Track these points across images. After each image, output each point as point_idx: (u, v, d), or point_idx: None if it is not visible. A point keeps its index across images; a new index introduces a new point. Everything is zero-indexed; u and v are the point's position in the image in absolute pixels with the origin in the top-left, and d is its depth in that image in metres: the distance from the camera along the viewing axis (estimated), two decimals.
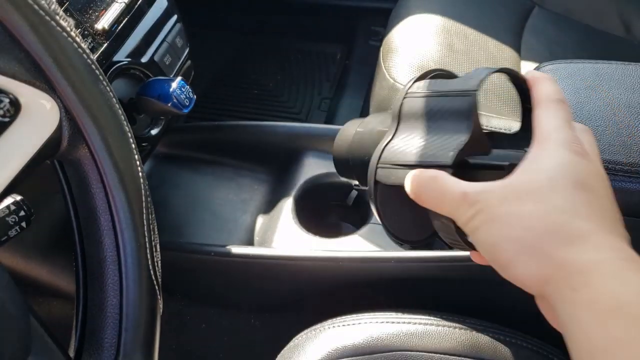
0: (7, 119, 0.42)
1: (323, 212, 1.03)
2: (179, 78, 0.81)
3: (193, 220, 0.99)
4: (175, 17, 0.92)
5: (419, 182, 0.42)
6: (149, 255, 0.49)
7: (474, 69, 0.46)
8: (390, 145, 0.48)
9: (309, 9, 1.71)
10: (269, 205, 1.00)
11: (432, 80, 0.49)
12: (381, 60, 1.15)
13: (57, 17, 0.44)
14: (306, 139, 1.04)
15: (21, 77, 0.42)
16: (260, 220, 0.98)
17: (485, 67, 0.45)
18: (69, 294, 0.94)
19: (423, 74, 0.50)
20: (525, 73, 0.45)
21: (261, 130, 1.04)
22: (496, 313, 0.83)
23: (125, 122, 0.49)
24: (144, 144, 0.89)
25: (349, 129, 0.56)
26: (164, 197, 1.01)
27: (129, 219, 0.48)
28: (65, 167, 0.48)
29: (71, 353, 0.48)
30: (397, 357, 0.72)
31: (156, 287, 0.50)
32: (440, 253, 0.83)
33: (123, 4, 0.81)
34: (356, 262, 0.85)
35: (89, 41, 0.76)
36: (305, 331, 0.78)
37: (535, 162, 0.39)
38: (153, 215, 0.51)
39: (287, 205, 0.98)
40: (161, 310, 0.51)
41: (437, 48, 1.13)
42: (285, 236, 0.92)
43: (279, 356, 0.78)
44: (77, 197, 0.49)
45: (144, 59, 0.85)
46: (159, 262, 0.51)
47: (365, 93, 1.55)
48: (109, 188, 0.47)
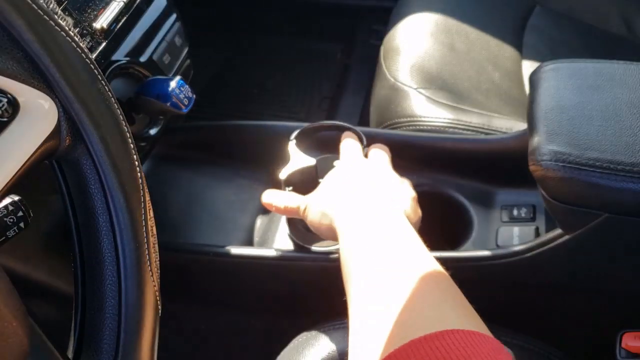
0: (5, 119, 0.42)
1: None
2: (178, 77, 0.81)
3: (192, 221, 0.99)
4: (174, 16, 0.92)
5: (269, 199, 0.84)
6: (147, 256, 0.49)
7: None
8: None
9: (309, 8, 1.71)
10: None
11: None
12: (382, 60, 1.15)
13: (55, 16, 0.44)
14: None
15: (19, 76, 0.42)
16: (260, 221, 0.98)
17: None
18: (68, 295, 0.94)
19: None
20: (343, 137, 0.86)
21: (261, 130, 1.04)
22: (497, 314, 0.82)
23: (123, 122, 0.49)
24: (142, 144, 0.89)
25: None
26: (163, 197, 1.01)
27: (127, 219, 0.48)
28: (64, 167, 0.48)
29: (70, 354, 0.48)
30: None
31: (155, 287, 0.50)
32: (440, 253, 0.83)
33: (122, 3, 0.81)
34: None
35: (88, 40, 0.76)
36: (305, 332, 0.78)
37: (330, 174, 0.78)
38: (152, 216, 0.50)
39: None
40: (160, 311, 0.51)
41: (438, 47, 1.12)
42: (285, 236, 0.92)
43: (279, 357, 0.77)
44: (76, 198, 0.48)
45: (142, 58, 0.85)
46: (158, 262, 0.51)
47: (365, 92, 1.54)
48: (108, 188, 0.47)
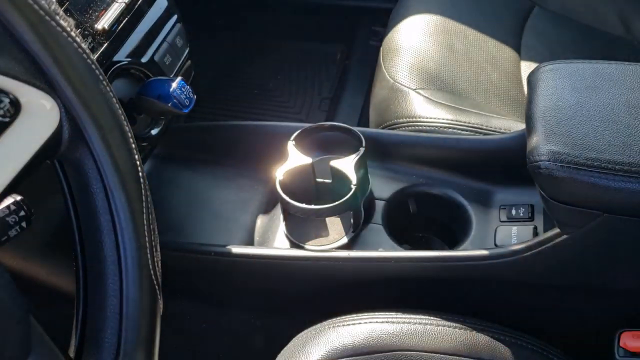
0: (7, 119, 0.42)
1: None
2: (179, 78, 0.81)
3: (193, 220, 0.99)
4: (175, 17, 0.92)
5: None
6: (149, 255, 0.49)
7: None
8: None
9: (309, 8, 1.71)
10: (269, 205, 0.99)
11: None
12: (381, 60, 1.15)
13: (57, 17, 0.44)
14: None
15: (21, 77, 0.42)
16: (260, 220, 0.98)
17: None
18: (69, 294, 0.94)
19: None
20: None
21: (261, 131, 1.04)
22: (496, 313, 0.83)
23: (125, 122, 0.49)
24: (144, 144, 0.89)
25: None
26: (164, 197, 1.01)
27: (129, 219, 0.48)
28: (66, 167, 0.48)
29: (71, 353, 0.48)
30: (397, 357, 0.72)
31: (156, 287, 0.50)
32: (440, 253, 0.83)
33: (123, 4, 0.81)
34: (356, 262, 0.85)
35: (89, 41, 0.76)
36: (305, 331, 0.78)
37: None
38: (153, 215, 0.51)
39: None
40: (161, 310, 0.51)
41: (437, 48, 1.13)
42: (285, 236, 0.92)
43: (279, 356, 0.78)
44: (77, 197, 0.49)
45: (144, 59, 0.85)
46: (159, 262, 0.51)
47: (365, 93, 1.54)
48: (109, 188, 0.47)
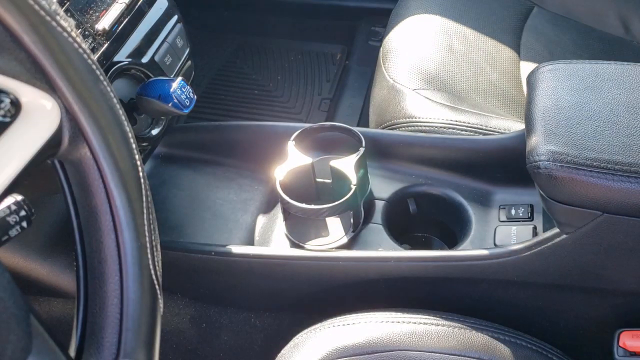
0: (7, 119, 0.42)
1: None
2: (180, 78, 0.81)
3: (193, 220, 0.99)
4: (175, 18, 0.92)
5: None
6: (149, 255, 0.49)
7: None
8: None
9: (309, 9, 1.71)
10: (269, 205, 1.00)
11: None
12: (381, 61, 1.15)
13: (58, 18, 0.44)
14: None
15: (22, 77, 0.42)
16: (261, 220, 0.98)
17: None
18: (70, 294, 0.94)
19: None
20: None
21: (261, 131, 1.04)
22: (496, 313, 0.83)
23: (125, 122, 0.49)
24: (144, 144, 0.90)
25: None
26: (164, 197, 1.01)
27: (129, 219, 0.48)
28: (66, 167, 0.49)
29: (72, 353, 0.48)
30: (397, 357, 0.72)
31: (157, 286, 0.50)
32: (440, 253, 0.83)
33: (123, 5, 0.81)
34: (356, 262, 0.85)
35: (90, 41, 0.76)
36: (305, 331, 0.78)
37: None
38: (154, 215, 0.51)
39: None
40: (161, 310, 0.51)
41: (437, 49, 1.13)
42: (285, 236, 0.92)
43: (279, 356, 0.78)
44: (78, 197, 0.49)
45: (144, 59, 0.85)
46: (160, 261, 0.51)
47: (365, 93, 1.55)
48: (110, 188, 0.47)
